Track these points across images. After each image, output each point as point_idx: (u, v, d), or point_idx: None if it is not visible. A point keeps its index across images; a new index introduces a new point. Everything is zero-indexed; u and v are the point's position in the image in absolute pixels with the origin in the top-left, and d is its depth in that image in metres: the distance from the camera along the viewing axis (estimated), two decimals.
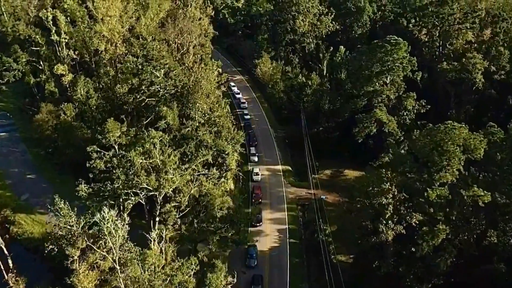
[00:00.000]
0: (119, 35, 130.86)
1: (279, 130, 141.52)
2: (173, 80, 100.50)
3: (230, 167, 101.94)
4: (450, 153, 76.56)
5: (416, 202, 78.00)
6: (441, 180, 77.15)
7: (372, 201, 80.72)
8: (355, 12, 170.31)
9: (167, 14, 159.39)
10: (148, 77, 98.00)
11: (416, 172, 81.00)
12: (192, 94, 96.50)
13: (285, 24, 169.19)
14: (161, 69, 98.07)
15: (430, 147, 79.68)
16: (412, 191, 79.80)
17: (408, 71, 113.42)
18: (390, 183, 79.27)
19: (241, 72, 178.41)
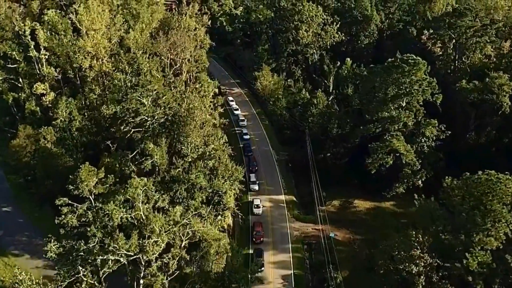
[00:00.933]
0: (106, 50, 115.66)
1: (281, 152, 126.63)
2: (163, 108, 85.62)
3: (228, 205, 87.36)
4: (495, 214, 62.13)
5: (452, 268, 63.47)
6: (484, 245, 62.76)
7: (398, 267, 66.09)
8: (361, 20, 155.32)
9: (160, 24, 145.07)
10: (133, 106, 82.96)
11: (452, 232, 66.40)
12: (184, 125, 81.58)
13: (287, 34, 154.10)
14: (148, 96, 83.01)
15: (469, 204, 65.10)
16: (447, 255, 65.16)
17: (428, 94, 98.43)
18: (421, 247, 64.64)
19: (239, 84, 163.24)
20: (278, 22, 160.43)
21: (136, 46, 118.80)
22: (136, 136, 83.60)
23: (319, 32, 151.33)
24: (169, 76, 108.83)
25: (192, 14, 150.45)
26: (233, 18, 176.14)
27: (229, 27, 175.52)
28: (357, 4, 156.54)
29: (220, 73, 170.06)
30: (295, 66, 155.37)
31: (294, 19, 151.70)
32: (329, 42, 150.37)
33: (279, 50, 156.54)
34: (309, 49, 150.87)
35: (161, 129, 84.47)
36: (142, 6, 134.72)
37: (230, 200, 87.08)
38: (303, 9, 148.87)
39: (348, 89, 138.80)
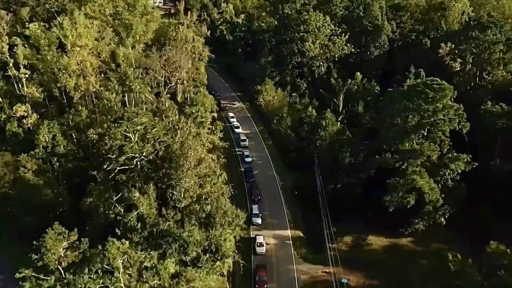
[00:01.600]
0: (93, 67, 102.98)
1: (287, 177, 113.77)
2: (152, 142, 72.92)
3: (227, 253, 74.80)
4: None
5: None
6: None
7: None
8: (371, 31, 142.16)
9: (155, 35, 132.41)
10: (118, 143, 70.18)
11: None
12: (176, 166, 68.80)
13: (292, 45, 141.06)
14: (135, 131, 70.22)
15: None
16: None
17: (455, 123, 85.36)
18: None
19: (241, 98, 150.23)
20: (282, 31, 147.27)
21: (127, 62, 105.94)
22: (120, 178, 70.91)
23: (326, 43, 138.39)
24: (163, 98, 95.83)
25: (190, 23, 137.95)
26: (234, 26, 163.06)
27: (229, 36, 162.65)
28: (367, 13, 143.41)
29: (220, 85, 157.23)
30: (300, 79, 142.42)
31: (299, 29, 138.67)
32: (337, 55, 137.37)
33: (283, 62, 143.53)
34: (315, 61, 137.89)
35: (150, 168, 71.86)
36: (135, 16, 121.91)
37: (230, 248, 74.53)
38: (310, 19, 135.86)
39: (359, 106, 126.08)
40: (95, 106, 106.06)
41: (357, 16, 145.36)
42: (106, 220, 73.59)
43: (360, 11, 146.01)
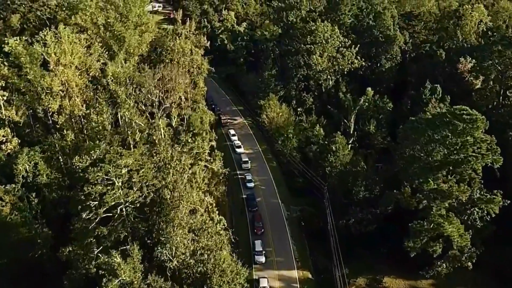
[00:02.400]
0: (79, 87, 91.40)
1: (292, 206, 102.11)
2: (139, 186, 61.37)
3: None
4: None
5: None
6: None
7: None
8: (383, 41, 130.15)
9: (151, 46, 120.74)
10: (99, 189, 58.60)
11: None
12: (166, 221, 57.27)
13: (297, 57, 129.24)
14: (118, 175, 58.61)
15: None
16: None
17: (488, 159, 73.40)
18: None
19: (242, 112, 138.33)
20: (287, 41, 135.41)
21: (117, 81, 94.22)
22: (101, 232, 59.39)
23: (334, 55, 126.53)
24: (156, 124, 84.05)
25: (189, 34, 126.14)
26: (236, 35, 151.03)
27: (230, 45, 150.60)
28: (378, 23, 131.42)
29: (221, 98, 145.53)
30: (306, 93, 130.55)
31: (305, 40, 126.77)
32: (346, 68, 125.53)
33: (287, 75, 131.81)
34: (322, 74, 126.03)
35: (137, 217, 60.36)
36: (128, 28, 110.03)
37: None
38: (317, 29, 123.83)
39: (370, 125, 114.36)
40: (83, 127, 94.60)
41: (367, 26, 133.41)
42: (87, 275, 62.32)
43: (370, 20, 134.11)
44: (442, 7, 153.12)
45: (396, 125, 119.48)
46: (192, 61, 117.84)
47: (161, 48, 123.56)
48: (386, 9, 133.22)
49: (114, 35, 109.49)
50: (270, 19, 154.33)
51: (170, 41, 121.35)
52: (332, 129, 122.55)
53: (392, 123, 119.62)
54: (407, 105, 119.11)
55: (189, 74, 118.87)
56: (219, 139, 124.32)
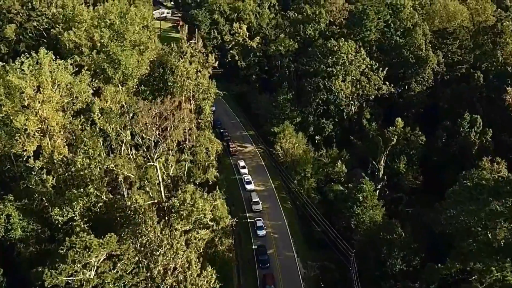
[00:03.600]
0: (60, 125, 75.21)
1: (309, 261, 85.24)
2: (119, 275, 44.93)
3: None
4: None
5: None
6: None
7: None
8: (413, 63, 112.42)
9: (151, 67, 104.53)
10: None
11: None
12: None
13: (317, 79, 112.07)
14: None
15: None
16: None
17: None
18: None
19: (254, 138, 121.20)
20: (304, 60, 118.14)
21: (106, 119, 77.72)
22: None
23: (358, 77, 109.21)
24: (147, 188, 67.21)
25: (195, 52, 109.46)
26: (248, 50, 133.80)
27: (242, 62, 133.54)
28: (408, 41, 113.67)
29: (230, 120, 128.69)
30: (325, 120, 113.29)
31: (326, 61, 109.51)
32: (373, 94, 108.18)
33: (305, 99, 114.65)
34: (345, 99, 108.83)
35: None
36: (124, 49, 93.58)
37: None
38: (340, 50, 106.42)
39: (400, 163, 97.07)
40: (67, 170, 78.50)
41: (395, 44, 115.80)
42: None
43: (399, 37, 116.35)
44: (476, 21, 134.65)
45: (428, 160, 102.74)
46: (198, 85, 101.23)
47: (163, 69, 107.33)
48: (417, 25, 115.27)
49: (109, 57, 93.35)
50: (285, 32, 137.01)
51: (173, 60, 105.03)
52: (354, 161, 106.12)
53: (424, 157, 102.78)
54: (442, 138, 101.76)
55: (194, 100, 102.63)
56: (227, 171, 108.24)
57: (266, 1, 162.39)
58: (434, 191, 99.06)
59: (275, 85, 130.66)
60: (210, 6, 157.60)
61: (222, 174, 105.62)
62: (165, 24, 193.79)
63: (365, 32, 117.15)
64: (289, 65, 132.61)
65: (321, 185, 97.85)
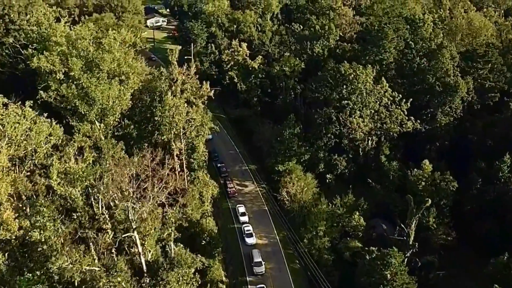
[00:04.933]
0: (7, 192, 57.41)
1: None
2: None
3: None
4: None
5: None
6: None
7: None
8: (440, 91, 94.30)
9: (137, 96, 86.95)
10: None
11: None
12: None
13: (328, 110, 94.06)
14: None
15: None
16: None
17: None
18: None
19: (255, 174, 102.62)
20: (313, 86, 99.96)
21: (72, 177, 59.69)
22: None
23: (376, 107, 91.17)
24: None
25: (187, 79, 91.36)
26: (249, 71, 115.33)
27: (242, 84, 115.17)
28: (434, 66, 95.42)
29: (228, 150, 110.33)
30: (338, 156, 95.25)
31: (341, 89, 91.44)
32: (395, 131, 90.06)
33: (314, 131, 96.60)
34: (361, 134, 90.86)
35: None
36: (100, 82, 75.51)
37: None
38: (357, 78, 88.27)
39: (429, 216, 79.07)
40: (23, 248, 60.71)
41: (418, 68, 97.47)
42: None
43: (421, 59, 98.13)
44: (504, 38, 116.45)
45: (459, 208, 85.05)
46: (190, 122, 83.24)
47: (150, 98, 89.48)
48: (444, 47, 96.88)
49: (82, 91, 75.42)
50: (290, 50, 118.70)
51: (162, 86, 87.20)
52: (373, 206, 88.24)
53: (454, 203, 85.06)
54: (477, 184, 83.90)
55: (185, 138, 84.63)
56: (224, 218, 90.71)
57: (268, 12, 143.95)
58: (469, 247, 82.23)
59: (279, 109, 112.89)
60: (207, 18, 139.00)
61: (219, 221, 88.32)
62: (160, 34, 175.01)
63: (382, 54, 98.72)
64: (295, 87, 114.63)
65: (336, 241, 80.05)
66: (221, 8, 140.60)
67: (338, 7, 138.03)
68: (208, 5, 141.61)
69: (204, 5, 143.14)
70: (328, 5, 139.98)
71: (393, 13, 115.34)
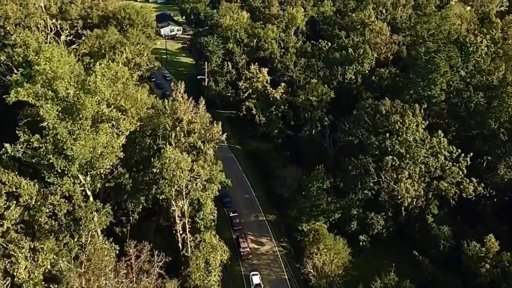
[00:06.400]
0: None
1: None
2: None
3: None
4: None
5: None
6: None
7: None
8: (505, 141, 73.85)
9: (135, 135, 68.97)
10: None
11: None
12: None
13: (365, 159, 74.51)
14: None
15: None
16: None
17: None
18: None
19: (273, 226, 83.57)
20: (346, 127, 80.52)
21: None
22: None
23: (430, 164, 71.19)
24: None
25: (195, 117, 73.00)
26: (269, 102, 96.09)
27: (261, 116, 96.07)
28: (497, 107, 75.02)
29: (243, 194, 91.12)
30: (375, 214, 75.72)
31: (382, 138, 71.80)
32: (450, 195, 70.05)
33: (347, 182, 77.18)
34: (409, 199, 71.11)
35: None
36: (80, 135, 57.65)
37: None
38: (405, 126, 68.50)
39: None
40: None
41: (475, 110, 77.12)
42: None
43: (479, 98, 77.71)
44: None
45: None
46: (195, 179, 64.77)
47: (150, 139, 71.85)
48: (509, 84, 76.28)
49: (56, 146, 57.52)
50: (318, 75, 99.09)
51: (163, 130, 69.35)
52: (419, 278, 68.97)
53: None
54: None
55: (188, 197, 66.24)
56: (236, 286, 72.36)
57: (292, 26, 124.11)
58: None
59: (303, 145, 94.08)
60: (224, 32, 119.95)
61: None
62: (174, 45, 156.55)
63: (432, 90, 78.60)
64: (322, 118, 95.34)
65: None
66: (239, 21, 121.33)
67: (371, 22, 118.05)
68: (225, 17, 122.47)
69: (221, 18, 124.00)
70: (360, 19, 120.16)
71: (440, 35, 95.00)
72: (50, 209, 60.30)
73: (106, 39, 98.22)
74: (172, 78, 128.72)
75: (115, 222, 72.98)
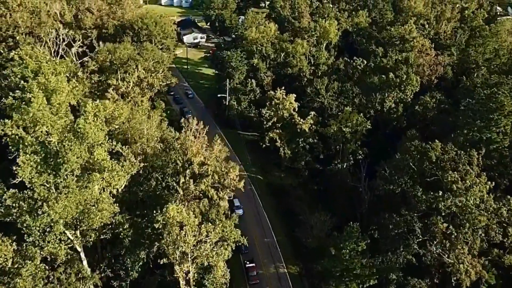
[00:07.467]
0: None
1: None
2: None
3: None
4: None
5: None
6: None
7: None
8: None
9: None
10: None
11: None
12: None
13: (410, 216, 60.47)
14: None
15: None
16: None
17: None
18: None
19: (296, 281, 70.49)
20: (387, 172, 66.50)
21: None
22: None
23: (490, 234, 56.68)
24: None
25: (209, 157, 60.52)
26: (296, 133, 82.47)
27: (286, 149, 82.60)
28: None
29: (262, 238, 77.51)
30: (418, 280, 61.61)
31: (432, 197, 57.67)
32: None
33: (386, 242, 63.32)
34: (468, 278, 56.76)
35: None
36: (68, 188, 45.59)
37: None
38: (463, 186, 54.29)
39: None
40: None
41: None
42: None
43: None
44: None
45: None
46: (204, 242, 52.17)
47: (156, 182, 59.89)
48: None
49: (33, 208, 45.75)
50: (353, 103, 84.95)
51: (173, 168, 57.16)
52: None
53: None
54: None
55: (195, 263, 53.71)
56: None
57: (324, 41, 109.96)
58: None
59: (333, 183, 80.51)
60: (248, 45, 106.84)
61: None
62: (197, 54, 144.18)
63: (492, 133, 63.86)
64: (356, 151, 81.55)
65: None
66: (266, 34, 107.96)
67: (412, 38, 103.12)
68: (251, 29, 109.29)
69: (246, 30, 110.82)
70: (399, 33, 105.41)
71: (497, 60, 79.73)
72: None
73: (117, 55, 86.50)
74: (195, 95, 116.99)
75: (112, 276, 61.82)
